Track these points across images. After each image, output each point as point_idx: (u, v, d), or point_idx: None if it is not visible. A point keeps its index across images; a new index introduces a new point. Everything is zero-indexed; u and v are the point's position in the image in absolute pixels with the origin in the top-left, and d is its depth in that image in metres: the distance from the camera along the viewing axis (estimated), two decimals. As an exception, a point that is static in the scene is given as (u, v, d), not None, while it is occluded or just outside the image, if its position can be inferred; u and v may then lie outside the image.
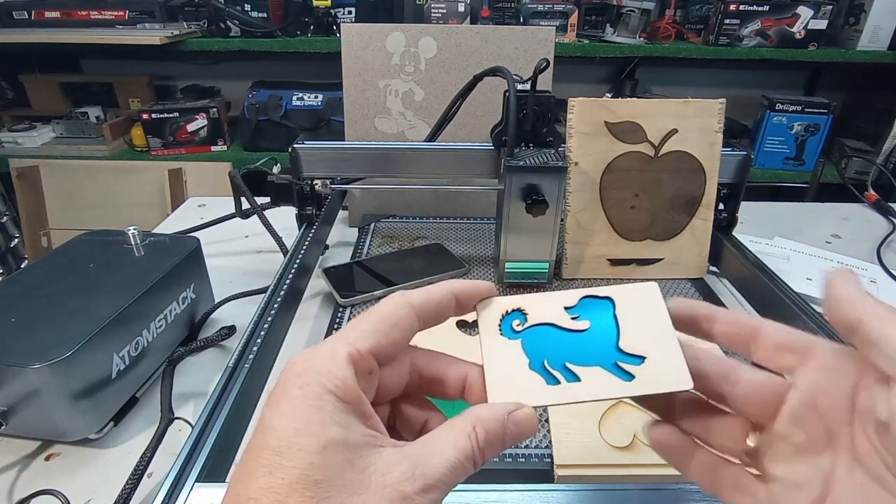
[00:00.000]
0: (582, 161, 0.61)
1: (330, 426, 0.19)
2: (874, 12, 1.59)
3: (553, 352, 0.25)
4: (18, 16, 1.60)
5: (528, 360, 0.25)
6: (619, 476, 0.38)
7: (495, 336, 0.26)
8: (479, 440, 0.21)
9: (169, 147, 1.70)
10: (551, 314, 0.26)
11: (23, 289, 0.48)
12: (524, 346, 0.25)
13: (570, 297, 0.26)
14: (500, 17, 1.70)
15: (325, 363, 0.21)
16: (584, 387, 0.24)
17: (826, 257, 0.76)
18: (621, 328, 0.25)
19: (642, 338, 0.25)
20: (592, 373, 0.24)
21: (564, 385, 0.24)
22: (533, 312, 0.26)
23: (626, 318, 0.25)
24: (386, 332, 0.23)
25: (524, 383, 0.24)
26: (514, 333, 0.26)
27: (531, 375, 0.24)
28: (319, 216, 0.69)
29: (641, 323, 0.25)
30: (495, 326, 0.26)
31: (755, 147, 1.73)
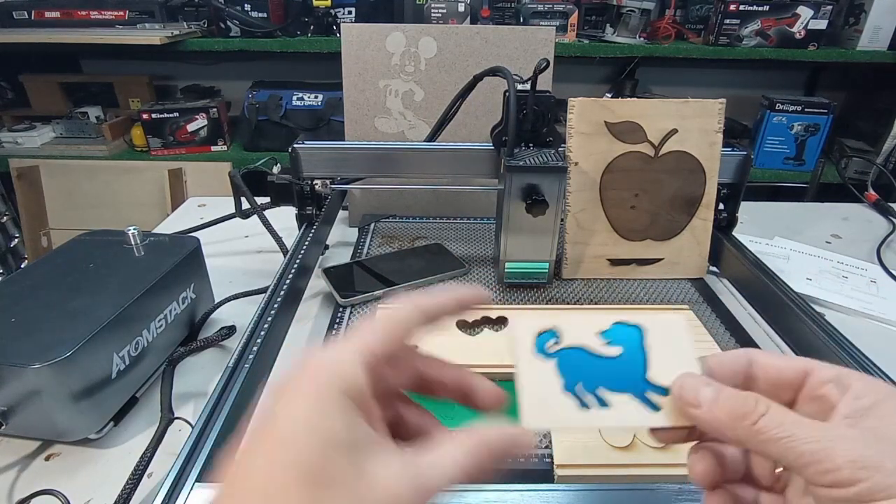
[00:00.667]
0: (582, 161, 0.61)
1: (338, 426, 0.20)
2: (874, 12, 1.59)
3: (586, 376, 0.26)
4: (18, 16, 1.60)
5: (562, 381, 0.26)
6: (619, 476, 0.38)
7: (531, 355, 0.26)
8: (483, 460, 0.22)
9: (169, 147, 1.70)
10: (584, 337, 0.27)
11: (23, 289, 0.48)
12: (559, 367, 0.26)
13: (602, 321, 0.27)
14: (500, 17, 1.70)
15: (339, 363, 0.21)
16: (613, 414, 0.25)
17: (826, 257, 0.76)
18: (649, 358, 0.26)
19: (668, 369, 0.25)
20: (622, 401, 0.25)
21: (595, 411, 0.25)
22: (566, 333, 0.27)
23: (654, 348, 0.26)
24: (396, 333, 0.23)
25: (557, 406, 0.25)
26: (549, 354, 0.26)
27: (564, 398, 0.25)
28: (319, 216, 0.69)
29: (668, 354, 0.26)
30: (531, 345, 0.26)
31: (755, 147, 1.73)
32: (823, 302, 0.66)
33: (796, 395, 0.24)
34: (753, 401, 0.23)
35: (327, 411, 0.20)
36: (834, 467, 0.20)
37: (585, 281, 0.65)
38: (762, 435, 0.22)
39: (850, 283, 0.70)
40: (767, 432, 0.22)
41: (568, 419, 0.25)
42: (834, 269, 0.74)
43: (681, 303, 0.61)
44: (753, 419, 0.22)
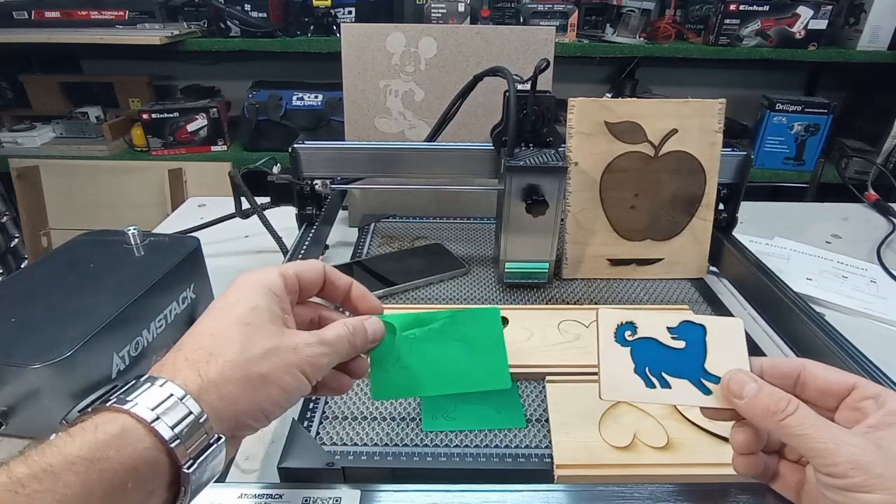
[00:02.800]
0: (582, 161, 0.61)
1: (261, 299, 0.30)
2: (874, 12, 1.59)
3: (654, 362, 0.32)
4: (18, 16, 1.60)
5: (633, 365, 0.32)
6: (619, 476, 0.38)
7: (611, 342, 0.32)
8: (349, 328, 0.32)
9: (169, 147, 1.70)
10: (656, 331, 0.33)
11: (23, 289, 0.48)
12: (633, 354, 0.32)
13: (672, 319, 0.33)
14: (500, 17, 1.70)
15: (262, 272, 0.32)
16: (672, 393, 0.31)
17: (826, 257, 0.76)
18: (708, 352, 0.32)
19: (722, 363, 0.31)
20: (681, 384, 0.31)
21: (658, 390, 0.31)
22: (642, 326, 0.33)
23: (713, 344, 0.32)
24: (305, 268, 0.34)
25: (629, 384, 0.32)
26: (626, 342, 0.33)
27: (635, 378, 0.32)
28: (319, 216, 0.69)
29: (724, 350, 0.32)
30: (612, 334, 0.33)
31: (755, 147, 1.73)
32: (823, 302, 0.66)
33: (839, 403, 0.30)
34: (785, 402, 0.28)
35: (253, 292, 0.30)
36: (833, 463, 0.26)
37: (585, 281, 0.65)
38: (785, 429, 0.28)
39: (850, 283, 0.70)
40: (790, 428, 0.28)
41: (636, 395, 0.31)
42: (834, 269, 0.74)
43: (681, 303, 0.61)
44: (780, 417, 0.28)
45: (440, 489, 0.36)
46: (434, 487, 0.36)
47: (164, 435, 0.24)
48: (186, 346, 0.28)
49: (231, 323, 0.28)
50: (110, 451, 0.23)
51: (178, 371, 0.26)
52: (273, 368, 0.28)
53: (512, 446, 0.41)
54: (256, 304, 0.29)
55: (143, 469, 0.23)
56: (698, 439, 0.40)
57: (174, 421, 0.24)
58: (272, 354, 0.28)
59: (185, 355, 0.27)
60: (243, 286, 0.31)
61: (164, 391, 0.25)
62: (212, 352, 0.27)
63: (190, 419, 0.25)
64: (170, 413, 0.24)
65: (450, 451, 0.41)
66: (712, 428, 0.41)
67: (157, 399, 0.25)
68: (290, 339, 0.29)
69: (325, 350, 0.30)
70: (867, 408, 0.28)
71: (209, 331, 0.28)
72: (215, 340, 0.27)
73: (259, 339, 0.28)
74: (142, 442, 0.24)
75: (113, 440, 0.23)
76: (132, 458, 0.23)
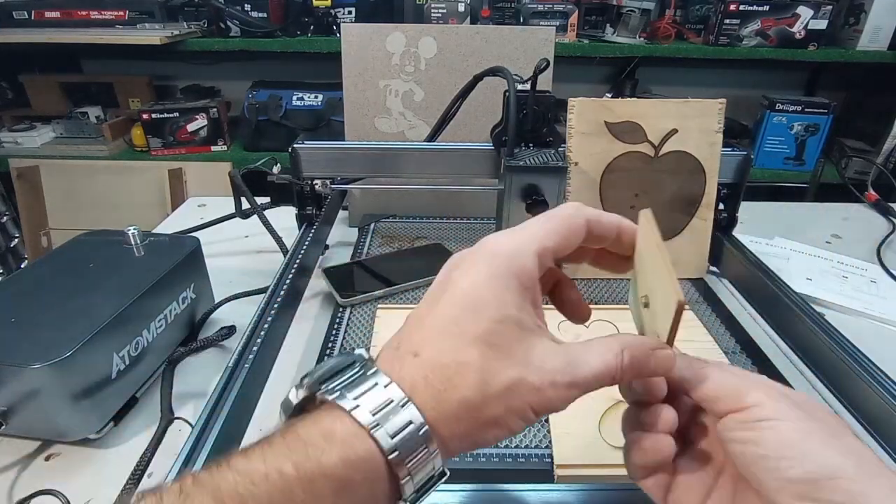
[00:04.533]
0: (582, 161, 0.61)
1: (510, 304, 0.24)
2: (874, 12, 1.59)
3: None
4: (18, 16, 1.60)
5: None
6: (619, 476, 0.38)
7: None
8: (624, 361, 0.24)
9: (169, 147, 1.70)
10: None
11: (23, 289, 0.48)
12: None
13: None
14: (500, 17, 1.70)
15: (516, 250, 0.25)
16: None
17: (826, 257, 0.76)
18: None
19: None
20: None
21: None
22: None
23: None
24: (566, 234, 0.26)
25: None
26: None
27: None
28: (319, 216, 0.69)
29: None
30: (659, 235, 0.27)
31: (755, 147, 1.73)
32: (823, 302, 0.66)
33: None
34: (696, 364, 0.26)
35: (502, 290, 0.24)
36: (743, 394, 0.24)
37: (585, 281, 0.65)
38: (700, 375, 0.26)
39: (850, 283, 0.70)
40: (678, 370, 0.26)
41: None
42: (834, 269, 0.74)
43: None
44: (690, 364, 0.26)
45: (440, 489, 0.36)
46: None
47: (402, 479, 0.22)
48: (425, 353, 0.23)
49: (472, 339, 0.23)
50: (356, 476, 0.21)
51: (416, 389, 0.23)
52: (507, 412, 0.23)
53: (512, 446, 0.41)
54: (505, 314, 0.23)
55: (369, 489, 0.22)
56: (698, 439, 0.40)
57: (412, 462, 0.22)
58: (511, 393, 0.23)
59: (426, 373, 0.23)
60: (488, 275, 0.24)
61: (404, 416, 0.22)
62: (451, 378, 0.23)
63: (424, 454, 0.22)
64: (407, 445, 0.22)
65: (450, 451, 0.41)
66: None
67: (398, 424, 0.22)
68: (538, 370, 0.23)
69: (574, 393, 0.24)
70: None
71: (448, 341, 0.23)
72: (455, 363, 0.23)
73: (502, 369, 0.23)
74: (379, 481, 0.22)
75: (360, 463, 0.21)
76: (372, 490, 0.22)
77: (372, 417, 0.22)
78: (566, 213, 0.26)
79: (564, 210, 0.27)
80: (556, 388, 0.23)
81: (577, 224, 0.26)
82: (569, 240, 0.26)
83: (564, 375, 0.23)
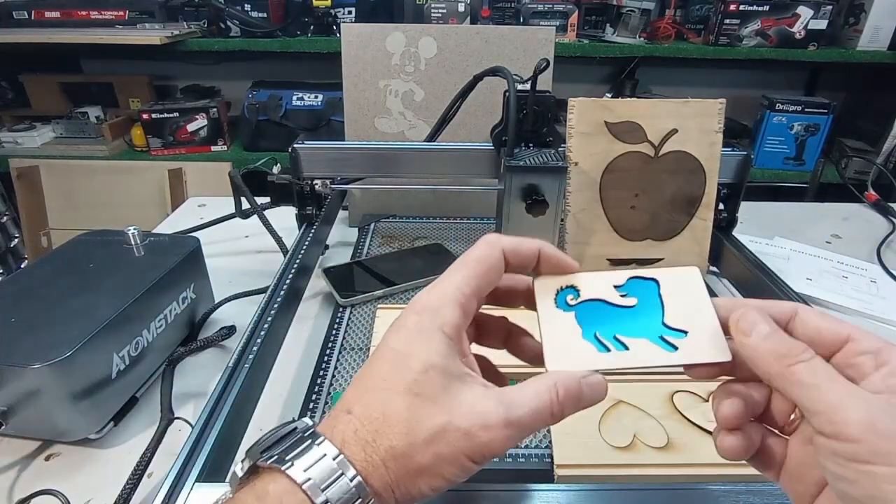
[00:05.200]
0: (582, 161, 0.61)
1: (434, 355, 0.24)
2: (874, 12, 1.59)
3: (604, 324, 0.27)
4: (18, 16, 1.60)
5: (581, 329, 0.27)
6: (619, 476, 0.38)
7: (552, 308, 0.28)
8: (559, 395, 0.25)
9: (169, 147, 1.70)
10: (602, 290, 0.28)
11: (23, 289, 0.48)
12: (578, 318, 0.27)
13: (618, 277, 0.28)
14: (500, 17, 1.70)
15: (437, 304, 0.26)
16: (632, 355, 0.26)
17: (826, 257, 0.76)
18: (666, 305, 0.27)
19: (685, 315, 0.27)
20: (640, 343, 0.26)
21: (614, 353, 0.26)
22: (585, 288, 0.28)
23: (669, 296, 0.27)
24: (484, 273, 0.27)
25: (578, 351, 0.27)
26: (569, 307, 0.28)
27: (584, 344, 0.27)
28: (319, 216, 0.69)
29: (684, 302, 0.27)
30: (552, 300, 0.28)
31: (755, 147, 1.73)
32: (823, 302, 0.66)
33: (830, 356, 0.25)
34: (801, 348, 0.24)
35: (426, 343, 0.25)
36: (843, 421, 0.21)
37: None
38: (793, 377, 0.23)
39: (850, 283, 0.70)
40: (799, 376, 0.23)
41: (589, 362, 0.26)
42: (834, 269, 0.74)
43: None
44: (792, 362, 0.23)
45: (440, 489, 0.36)
46: (434, 487, 0.36)
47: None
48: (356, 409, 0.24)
49: (400, 391, 0.24)
50: None
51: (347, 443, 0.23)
52: (436, 460, 0.23)
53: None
54: (429, 364, 0.24)
55: None
56: (698, 439, 0.40)
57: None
58: (439, 439, 0.23)
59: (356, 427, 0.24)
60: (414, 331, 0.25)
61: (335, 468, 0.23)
62: (378, 429, 0.23)
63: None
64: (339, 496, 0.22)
65: (450, 451, 0.41)
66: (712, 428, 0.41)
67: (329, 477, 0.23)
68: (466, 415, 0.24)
69: (512, 434, 0.24)
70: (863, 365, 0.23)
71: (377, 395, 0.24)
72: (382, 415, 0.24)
73: (427, 417, 0.23)
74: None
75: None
76: None
77: (304, 474, 0.22)
78: (479, 253, 0.27)
79: (478, 249, 0.27)
80: (489, 430, 0.23)
81: (492, 259, 0.27)
82: (488, 277, 0.27)
83: (497, 416, 0.23)
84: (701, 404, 0.44)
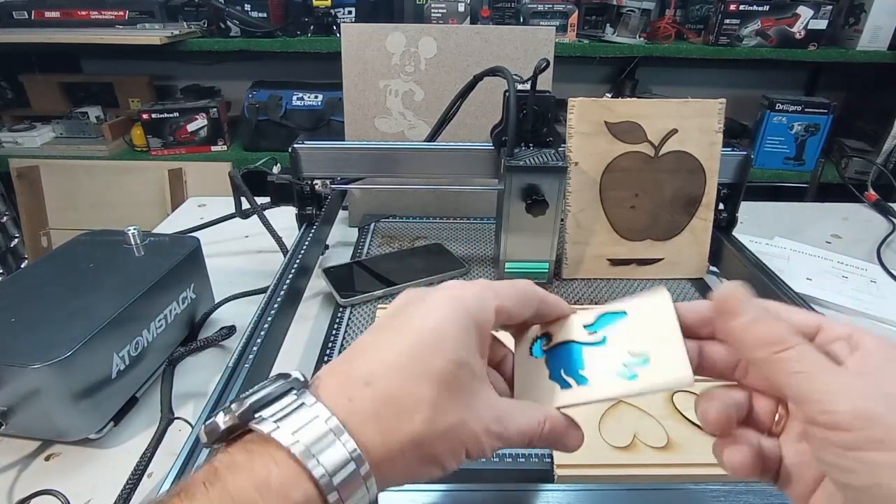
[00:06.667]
0: (582, 161, 0.61)
1: (468, 347, 0.24)
2: (874, 12, 1.59)
3: (570, 363, 0.28)
4: (18, 16, 1.60)
5: (548, 372, 0.29)
6: (619, 476, 0.38)
7: (526, 357, 0.30)
8: (545, 430, 0.26)
9: (169, 147, 1.70)
10: (572, 333, 0.29)
11: (23, 289, 0.48)
12: (548, 363, 0.29)
13: (588, 317, 0.29)
14: (500, 17, 1.70)
15: (479, 297, 0.25)
16: (592, 388, 0.27)
17: (826, 257, 0.76)
18: (631, 336, 0.28)
19: (650, 341, 0.27)
20: (602, 376, 0.27)
21: (576, 388, 0.27)
22: (556, 334, 0.30)
23: (635, 324, 0.28)
24: (523, 302, 0.27)
25: (541, 390, 0.28)
26: (542, 352, 0.30)
27: (549, 384, 0.28)
28: (319, 216, 0.69)
29: (650, 328, 0.27)
30: (527, 349, 0.30)
31: (755, 147, 1.73)
32: (823, 302, 0.66)
33: None
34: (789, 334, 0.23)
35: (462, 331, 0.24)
36: (836, 410, 0.20)
37: (585, 281, 0.65)
38: (782, 364, 0.22)
39: (850, 283, 0.70)
40: (788, 363, 0.22)
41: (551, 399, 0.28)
42: (834, 269, 0.74)
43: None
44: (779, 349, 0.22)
45: (440, 489, 0.36)
46: (434, 487, 0.36)
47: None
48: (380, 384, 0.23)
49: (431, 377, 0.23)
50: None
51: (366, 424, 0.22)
52: (446, 451, 0.23)
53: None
54: (463, 358, 0.24)
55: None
56: (698, 439, 0.40)
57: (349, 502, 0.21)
58: (454, 433, 0.23)
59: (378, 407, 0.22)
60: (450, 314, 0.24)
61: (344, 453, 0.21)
62: (404, 412, 0.22)
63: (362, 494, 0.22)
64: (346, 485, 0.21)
65: (450, 451, 0.41)
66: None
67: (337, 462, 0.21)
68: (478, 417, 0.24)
69: (500, 445, 0.25)
70: (837, 351, 0.23)
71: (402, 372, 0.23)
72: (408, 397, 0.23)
73: (450, 410, 0.23)
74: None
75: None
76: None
77: (311, 454, 0.21)
78: (525, 285, 0.28)
79: (523, 282, 0.28)
80: (489, 436, 0.24)
81: (532, 297, 0.28)
82: (523, 309, 0.27)
83: (498, 426, 0.24)
84: (701, 404, 0.44)
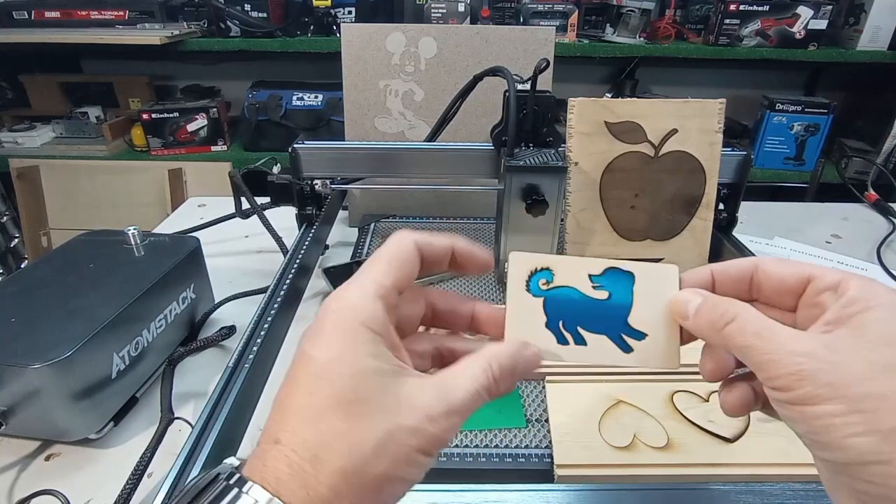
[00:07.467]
0: (582, 161, 0.61)
1: (363, 355, 0.22)
2: (874, 12, 1.59)
3: (569, 315, 0.27)
4: (18, 16, 1.60)
5: (546, 318, 0.27)
6: (619, 476, 0.38)
7: (522, 291, 0.28)
8: (494, 373, 0.24)
9: (169, 147, 1.70)
10: (576, 279, 0.28)
11: (23, 289, 0.48)
12: (545, 306, 0.27)
13: (596, 266, 0.28)
14: (500, 17, 1.70)
15: (357, 299, 0.23)
16: (588, 351, 0.27)
17: (826, 257, 0.76)
18: (635, 304, 0.27)
19: (651, 316, 0.27)
20: (598, 340, 0.27)
21: (572, 346, 0.27)
22: (560, 274, 0.28)
23: (641, 294, 0.27)
24: (401, 265, 0.25)
25: (537, 339, 0.27)
26: (540, 291, 0.28)
27: (546, 333, 0.27)
28: (319, 216, 0.69)
29: (653, 302, 0.27)
30: (523, 282, 0.28)
31: (755, 147, 1.73)
32: (823, 302, 0.66)
33: (797, 301, 0.25)
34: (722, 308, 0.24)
35: (351, 344, 0.22)
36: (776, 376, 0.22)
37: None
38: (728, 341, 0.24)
39: (850, 283, 0.70)
40: (732, 339, 0.24)
41: (545, 351, 0.27)
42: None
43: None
44: (721, 326, 0.24)
45: (440, 489, 0.36)
46: (434, 487, 0.36)
47: None
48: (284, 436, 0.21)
49: (330, 403, 0.21)
50: None
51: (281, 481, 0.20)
52: (392, 465, 0.21)
53: (512, 446, 0.41)
54: (360, 367, 0.22)
55: None
56: (698, 439, 0.40)
57: None
58: (388, 444, 0.21)
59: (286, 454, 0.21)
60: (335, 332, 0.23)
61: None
62: (315, 453, 0.21)
63: None
64: None
65: (450, 450, 0.41)
66: (712, 428, 0.41)
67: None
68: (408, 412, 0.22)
69: (456, 421, 0.22)
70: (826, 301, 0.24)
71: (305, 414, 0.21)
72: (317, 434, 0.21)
73: (370, 425, 0.21)
74: None
75: None
76: None
77: None
78: (394, 247, 0.26)
79: (392, 244, 0.26)
80: (434, 421, 0.22)
81: (406, 252, 0.26)
82: (404, 270, 0.25)
83: (440, 406, 0.22)
84: (701, 404, 0.44)
